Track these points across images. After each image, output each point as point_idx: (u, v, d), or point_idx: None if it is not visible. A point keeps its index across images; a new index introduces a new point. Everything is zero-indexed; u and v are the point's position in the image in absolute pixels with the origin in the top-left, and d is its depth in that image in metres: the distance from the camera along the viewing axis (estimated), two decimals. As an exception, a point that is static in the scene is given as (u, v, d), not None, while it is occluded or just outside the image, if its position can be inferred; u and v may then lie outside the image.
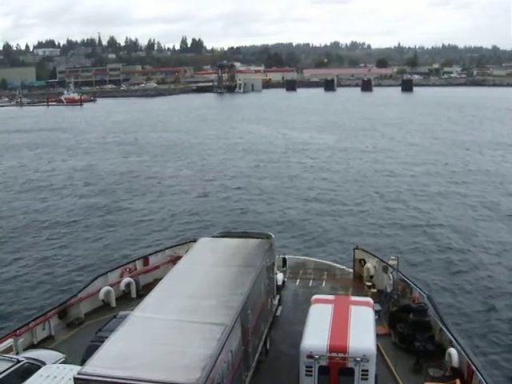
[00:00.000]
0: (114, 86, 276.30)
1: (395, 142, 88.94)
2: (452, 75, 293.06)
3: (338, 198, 53.76)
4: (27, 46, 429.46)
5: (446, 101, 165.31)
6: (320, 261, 29.74)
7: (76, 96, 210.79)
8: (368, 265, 25.94)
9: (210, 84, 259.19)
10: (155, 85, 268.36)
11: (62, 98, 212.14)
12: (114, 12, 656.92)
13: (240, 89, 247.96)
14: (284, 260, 25.34)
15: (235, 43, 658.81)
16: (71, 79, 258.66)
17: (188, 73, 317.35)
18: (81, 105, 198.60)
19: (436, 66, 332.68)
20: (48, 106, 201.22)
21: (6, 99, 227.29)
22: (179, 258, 22.20)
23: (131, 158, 79.92)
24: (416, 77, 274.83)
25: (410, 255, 36.93)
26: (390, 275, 23.85)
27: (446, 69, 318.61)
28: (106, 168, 72.11)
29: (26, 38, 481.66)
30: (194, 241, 23.38)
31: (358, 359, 14.86)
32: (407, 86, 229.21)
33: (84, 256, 39.48)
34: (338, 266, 28.84)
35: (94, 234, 44.75)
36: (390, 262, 24.57)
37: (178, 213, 50.26)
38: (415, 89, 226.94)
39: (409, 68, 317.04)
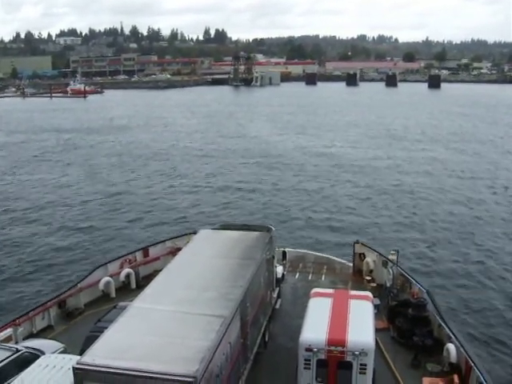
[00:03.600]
0: (126, 77, 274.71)
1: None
2: (482, 71, 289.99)
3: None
4: (49, 35, 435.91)
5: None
6: (320, 254, 30.44)
7: (82, 87, 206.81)
8: (368, 259, 26.76)
9: (226, 76, 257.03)
10: (168, 76, 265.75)
11: (68, 88, 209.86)
12: (145, 2, 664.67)
13: (257, 82, 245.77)
14: (284, 253, 26.05)
15: (262, 35, 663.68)
16: (79, 69, 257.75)
17: (205, 64, 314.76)
18: (84, 97, 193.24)
19: (465, 61, 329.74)
20: (51, 97, 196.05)
21: (13, 89, 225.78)
22: (179, 249, 22.79)
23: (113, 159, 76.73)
24: (444, 72, 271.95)
25: (410, 250, 37.70)
26: (390, 270, 24.51)
27: (476, 64, 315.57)
28: (95, 168, 70.49)
29: (55, 27, 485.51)
30: (195, 233, 23.96)
31: (357, 353, 15.42)
32: (434, 82, 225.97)
33: (84, 246, 40.55)
34: (338, 259, 29.54)
35: (96, 224, 46.05)
36: (390, 257, 25.30)
37: (179, 206, 51.48)
38: (443, 85, 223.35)
39: (437, 63, 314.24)
